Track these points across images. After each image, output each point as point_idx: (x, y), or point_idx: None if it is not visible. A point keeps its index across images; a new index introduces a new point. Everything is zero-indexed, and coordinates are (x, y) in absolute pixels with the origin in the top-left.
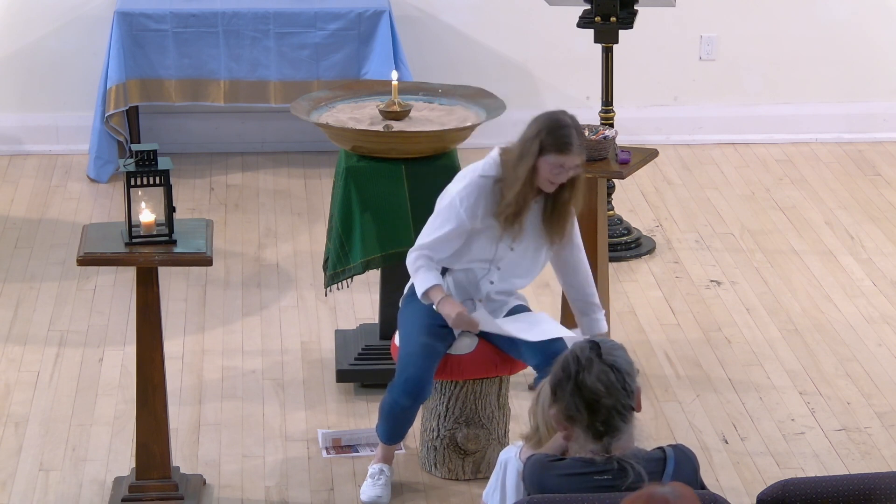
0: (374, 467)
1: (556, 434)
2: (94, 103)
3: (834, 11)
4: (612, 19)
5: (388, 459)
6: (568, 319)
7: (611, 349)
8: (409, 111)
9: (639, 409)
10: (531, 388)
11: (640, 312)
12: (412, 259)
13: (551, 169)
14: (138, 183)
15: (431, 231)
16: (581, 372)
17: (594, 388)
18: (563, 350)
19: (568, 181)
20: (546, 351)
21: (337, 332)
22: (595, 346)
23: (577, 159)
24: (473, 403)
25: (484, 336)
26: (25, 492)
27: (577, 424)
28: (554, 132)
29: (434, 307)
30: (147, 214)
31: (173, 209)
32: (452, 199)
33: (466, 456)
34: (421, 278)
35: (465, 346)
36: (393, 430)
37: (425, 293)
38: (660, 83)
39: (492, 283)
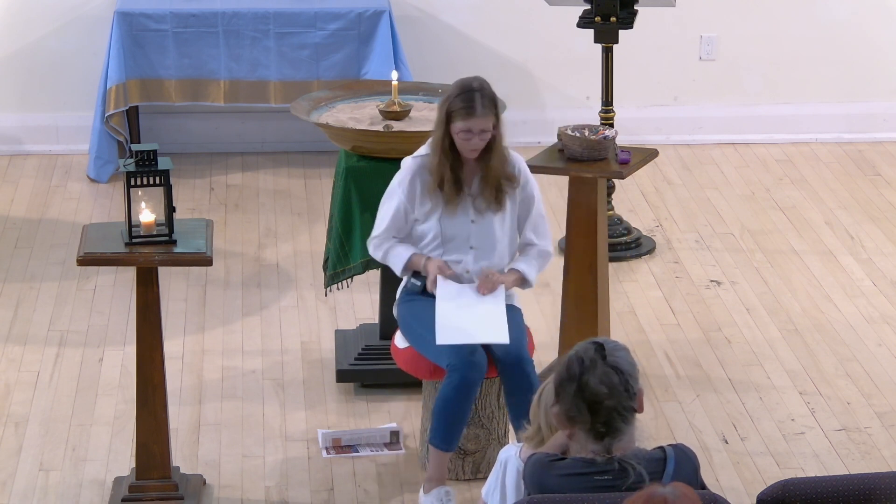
0: (437, 492)
1: (557, 433)
2: (94, 103)
3: (834, 11)
4: (612, 19)
5: (443, 478)
6: (567, 320)
7: (614, 350)
8: (409, 111)
9: (641, 410)
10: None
11: (640, 312)
12: (374, 247)
13: (459, 134)
14: (138, 183)
15: (379, 220)
16: (584, 373)
17: (597, 389)
18: (519, 356)
19: (489, 145)
20: (508, 355)
21: (337, 332)
22: (599, 348)
23: (484, 122)
24: (473, 403)
25: None
26: (25, 492)
27: (578, 425)
28: (458, 97)
29: (423, 272)
30: (147, 214)
31: (173, 209)
32: (391, 184)
33: (466, 456)
34: (395, 255)
35: None
36: (451, 423)
37: (406, 265)
38: (660, 83)
39: (468, 272)
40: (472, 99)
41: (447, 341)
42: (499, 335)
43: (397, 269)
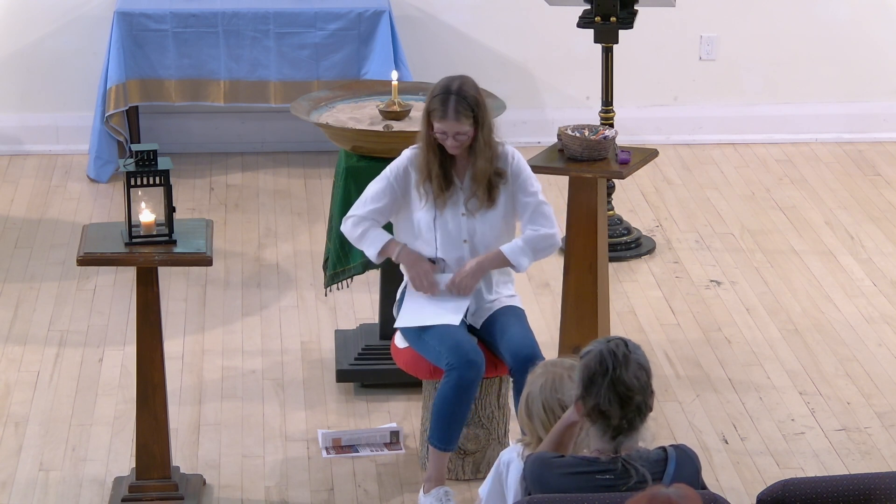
0: (437, 492)
1: (553, 427)
2: (94, 103)
3: (834, 11)
4: (612, 19)
5: (442, 478)
6: (567, 320)
7: (635, 348)
8: (409, 111)
9: (651, 409)
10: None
11: (640, 312)
12: (350, 224)
13: (437, 134)
14: (138, 183)
15: (361, 200)
16: (618, 368)
17: (630, 384)
18: (533, 356)
19: (473, 146)
20: (519, 355)
21: (337, 332)
22: (626, 344)
23: (457, 126)
24: (473, 403)
25: (476, 334)
26: (25, 492)
27: (602, 420)
28: (436, 98)
29: (395, 260)
30: (147, 214)
31: (173, 209)
32: (385, 169)
33: (466, 456)
34: (371, 237)
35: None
36: (449, 422)
37: (381, 250)
38: (660, 83)
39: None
40: (447, 102)
41: (404, 324)
42: (450, 318)
43: (371, 252)
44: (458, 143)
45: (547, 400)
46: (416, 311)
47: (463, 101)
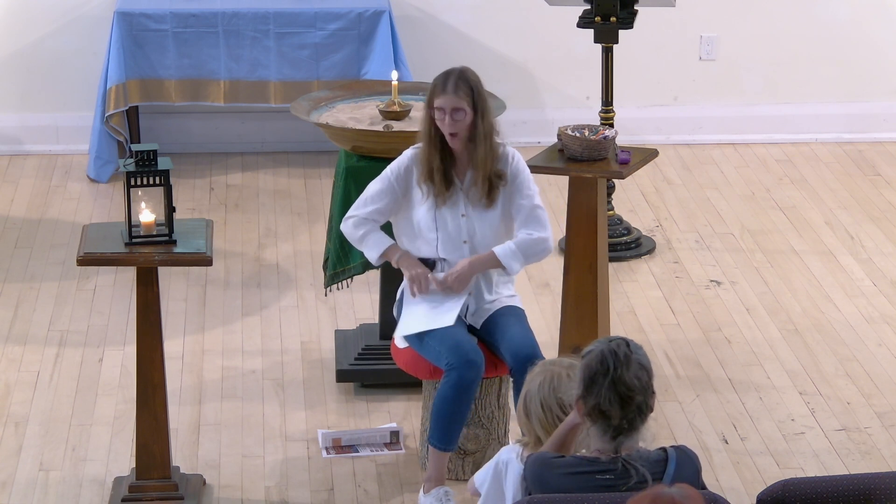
0: (437, 492)
1: (556, 429)
2: (94, 103)
3: (834, 11)
4: (612, 19)
5: (442, 478)
6: (567, 320)
7: (637, 349)
8: (409, 111)
9: (652, 409)
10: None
11: (640, 312)
12: (352, 225)
13: (436, 116)
14: (138, 183)
15: (361, 200)
16: (619, 368)
17: (631, 384)
18: (533, 356)
19: (473, 139)
20: (519, 355)
21: (337, 332)
22: (627, 344)
23: (455, 101)
24: (473, 403)
25: (476, 334)
26: (25, 492)
27: (602, 420)
28: (437, 79)
29: (394, 264)
30: (147, 214)
31: (173, 209)
32: (385, 169)
33: (466, 456)
34: (373, 240)
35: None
36: (449, 422)
37: (382, 254)
38: (660, 83)
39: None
40: (446, 79)
41: (403, 333)
42: (445, 319)
43: (372, 255)
44: (456, 122)
45: (545, 398)
46: (413, 319)
47: (463, 80)
